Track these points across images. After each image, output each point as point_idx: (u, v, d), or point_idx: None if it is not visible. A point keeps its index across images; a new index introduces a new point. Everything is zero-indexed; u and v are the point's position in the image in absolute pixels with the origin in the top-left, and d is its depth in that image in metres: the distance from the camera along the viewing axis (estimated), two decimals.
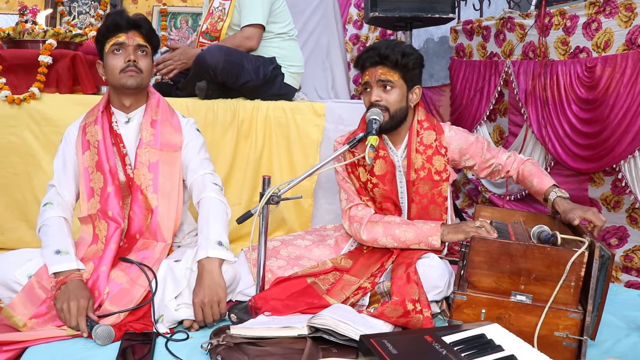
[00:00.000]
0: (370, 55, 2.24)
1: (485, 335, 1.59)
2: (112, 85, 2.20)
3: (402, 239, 2.20)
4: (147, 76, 2.20)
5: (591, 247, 1.76)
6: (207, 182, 2.21)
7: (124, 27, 2.15)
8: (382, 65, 2.22)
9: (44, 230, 2.10)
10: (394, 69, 2.22)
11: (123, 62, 2.13)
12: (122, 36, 2.14)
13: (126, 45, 2.14)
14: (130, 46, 2.15)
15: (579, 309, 1.77)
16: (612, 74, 2.58)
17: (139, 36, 2.17)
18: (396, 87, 2.23)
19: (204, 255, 2.00)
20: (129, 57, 2.13)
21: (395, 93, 2.23)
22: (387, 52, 2.21)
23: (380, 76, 2.22)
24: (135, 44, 2.15)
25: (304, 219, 2.99)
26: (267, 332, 1.79)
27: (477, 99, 3.53)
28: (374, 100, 2.22)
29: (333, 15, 4.08)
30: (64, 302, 1.88)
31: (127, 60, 2.13)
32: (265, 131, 2.95)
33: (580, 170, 2.84)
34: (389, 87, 2.22)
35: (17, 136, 2.78)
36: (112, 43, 2.14)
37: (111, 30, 2.15)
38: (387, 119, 2.23)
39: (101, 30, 2.18)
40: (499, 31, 3.32)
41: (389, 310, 1.91)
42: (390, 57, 2.20)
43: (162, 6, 4.12)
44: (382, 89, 2.23)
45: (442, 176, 2.29)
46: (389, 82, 2.22)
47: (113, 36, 2.14)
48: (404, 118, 2.28)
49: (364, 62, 2.27)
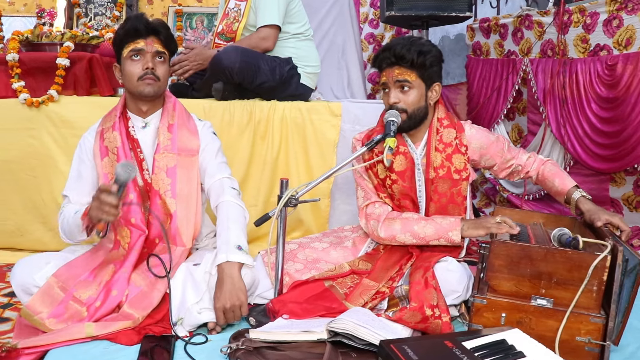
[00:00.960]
0: (387, 55, 2.22)
1: (506, 340, 1.58)
2: (128, 91, 2.20)
3: (421, 235, 2.18)
4: (164, 83, 2.19)
5: (614, 251, 1.73)
6: (225, 186, 2.21)
7: (143, 32, 2.12)
8: (399, 66, 2.21)
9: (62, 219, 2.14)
10: (410, 68, 2.20)
11: (141, 69, 2.12)
12: (141, 42, 2.12)
13: (145, 52, 2.13)
14: (149, 53, 2.13)
15: (601, 313, 1.75)
16: (634, 72, 2.54)
17: (158, 42, 2.16)
18: (414, 87, 2.21)
19: (224, 259, 2.00)
20: (147, 65, 2.12)
21: (413, 93, 2.21)
22: (402, 52, 2.18)
23: (398, 77, 2.20)
24: (153, 50, 2.14)
25: (321, 219, 2.99)
26: (287, 337, 1.79)
27: (495, 97, 3.50)
28: (392, 102, 2.21)
29: (348, 14, 4.06)
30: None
31: (145, 67, 2.12)
32: (282, 132, 2.95)
33: (601, 170, 2.80)
34: (406, 87, 2.21)
35: (35, 139, 2.80)
36: (130, 49, 2.13)
37: (130, 35, 2.13)
38: (405, 119, 2.21)
39: (119, 35, 2.16)
40: (517, 29, 3.28)
41: (408, 316, 1.90)
42: (406, 57, 2.18)
43: (177, 6, 4.13)
44: (400, 90, 2.21)
45: (462, 175, 2.27)
46: (406, 82, 2.20)
47: (132, 41, 2.13)
48: (424, 117, 2.27)
49: (381, 62, 2.25)
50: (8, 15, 4.05)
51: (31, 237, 2.84)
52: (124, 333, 1.89)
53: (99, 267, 2.07)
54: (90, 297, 1.98)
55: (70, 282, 1.99)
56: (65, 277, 2.00)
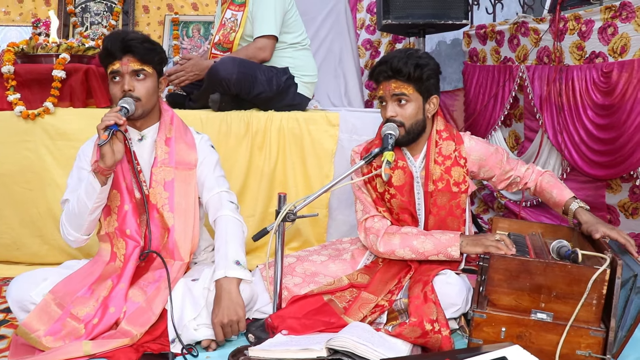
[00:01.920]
0: (383, 69, 2.21)
1: (506, 358, 1.57)
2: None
3: (421, 250, 2.18)
4: (148, 101, 2.14)
5: (613, 264, 1.73)
6: (224, 200, 2.20)
7: (117, 53, 2.08)
8: (396, 79, 2.20)
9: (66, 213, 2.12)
10: (407, 82, 2.19)
11: (120, 92, 2.10)
12: (117, 64, 2.09)
13: (121, 73, 2.09)
14: (126, 74, 2.09)
15: (601, 327, 1.74)
16: (629, 79, 2.54)
17: (134, 61, 2.10)
18: (411, 101, 2.20)
19: (222, 275, 1.99)
20: (124, 87, 2.08)
21: (410, 107, 2.20)
22: (399, 66, 2.17)
23: (394, 90, 2.19)
24: (129, 70, 2.09)
25: (320, 230, 2.98)
26: (286, 355, 1.78)
27: (492, 104, 3.50)
28: (390, 115, 2.20)
29: (345, 21, 4.06)
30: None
31: (123, 90, 2.09)
32: (279, 142, 2.94)
33: (597, 176, 2.81)
34: (403, 101, 2.20)
35: (31, 151, 2.78)
36: (109, 70, 2.11)
37: (105, 57, 2.11)
38: (403, 133, 2.21)
39: (99, 56, 2.15)
40: (513, 36, 3.28)
41: (407, 331, 1.89)
42: (403, 71, 2.17)
43: (174, 15, 4.12)
44: (397, 103, 2.21)
45: (461, 188, 2.27)
46: (403, 95, 2.19)
47: (109, 63, 2.10)
48: (422, 131, 2.26)
49: (378, 76, 2.24)
50: (3, 25, 4.04)
51: (28, 250, 2.83)
52: (122, 351, 1.88)
53: (96, 282, 2.06)
54: (88, 314, 1.96)
55: (67, 299, 1.98)
56: (62, 293, 1.98)
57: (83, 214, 2.07)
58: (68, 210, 2.11)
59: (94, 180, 2.02)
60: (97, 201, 2.06)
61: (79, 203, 2.06)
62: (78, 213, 2.07)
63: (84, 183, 2.05)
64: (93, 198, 2.04)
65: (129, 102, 2.05)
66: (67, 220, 2.11)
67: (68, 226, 2.11)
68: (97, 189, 2.02)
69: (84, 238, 2.15)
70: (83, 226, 2.10)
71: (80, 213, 2.07)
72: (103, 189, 2.04)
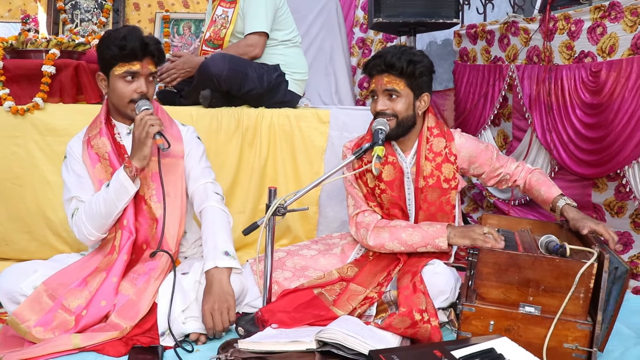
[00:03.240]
0: (377, 63, 2.23)
1: (494, 349, 1.59)
2: (114, 106, 2.17)
3: (409, 242, 2.19)
4: (151, 101, 2.17)
5: (600, 258, 1.75)
6: (209, 191, 2.21)
7: (140, 55, 2.08)
8: (388, 74, 2.22)
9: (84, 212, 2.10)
10: (399, 77, 2.21)
11: (134, 93, 2.09)
12: (137, 65, 2.08)
13: (139, 75, 2.09)
14: (143, 76, 2.10)
15: (588, 320, 1.76)
16: (617, 78, 2.56)
17: (151, 63, 2.13)
18: (402, 96, 2.22)
19: (213, 265, 2.01)
20: (141, 89, 2.09)
21: (401, 102, 2.22)
22: (392, 61, 2.19)
23: (386, 85, 2.21)
24: (147, 72, 2.11)
25: (310, 226, 2.98)
26: (275, 347, 1.78)
27: (482, 103, 3.52)
28: (380, 109, 2.22)
29: (336, 20, 4.07)
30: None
31: (140, 91, 2.09)
32: (270, 139, 2.94)
33: (585, 175, 2.83)
34: (394, 95, 2.22)
35: (20, 147, 2.77)
36: (124, 70, 2.07)
37: (125, 56, 2.06)
38: (394, 126, 2.22)
39: (113, 52, 2.07)
40: (503, 35, 3.30)
41: (397, 322, 1.90)
42: (396, 66, 2.19)
43: (164, 13, 4.11)
44: (388, 98, 2.23)
45: (451, 184, 2.29)
46: (394, 91, 2.21)
47: (126, 62, 2.07)
48: (412, 126, 2.28)
49: (371, 69, 2.26)
50: None
51: (16, 246, 2.81)
52: (111, 344, 1.87)
53: (91, 274, 2.05)
54: (79, 306, 1.96)
55: (60, 291, 1.97)
56: (56, 284, 1.98)
57: (111, 214, 2.07)
58: (90, 211, 2.08)
59: (129, 182, 2.03)
60: (127, 201, 2.08)
61: (107, 204, 2.05)
62: (105, 214, 2.06)
63: (113, 185, 2.04)
64: (125, 199, 2.06)
65: (149, 104, 2.09)
66: (89, 222, 2.09)
67: (90, 227, 2.10)
68: (131, 191, 2.05)
69: (103, 237, 2.15)
70: (106, 226, 2.11)
71: (108, 214, 2.07)
72: (135, 189, 2.08)
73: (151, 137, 2.01)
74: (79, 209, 2.11)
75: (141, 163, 2.03)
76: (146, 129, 2.00)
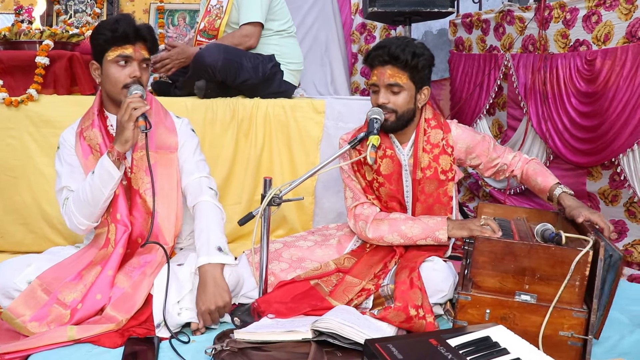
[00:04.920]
0: (380, 54, 2.20)
1: (490, 337, 1.59)
2: (108, 94, 2.14)
3: (409, 235, 2.19)
4: (145, 89, 2.14)
5: (595, 246, 1.75)
6: (203, 185, 2.19)
7: (132, 38, 2.06)
8: (392, 65, 2.19)
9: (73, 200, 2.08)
10: (403, 69, 2.19)
11: (128, 77, 2.07)
12: (130, 48, 2.06)
13: (132, 59, 2.07)
14: (136, 60, 2.08)
15: (583, 308, 1.76)
16: (612, 67, 2.57)
17: (145, 49, 2.11)
18: (405, 90, 2.21)
19: (206, 261, 1.99)
20: (135, 74, 2.07)
21: (403, 95, 2.21)
22: (397, 52, 2.16)
23: (389, 79, 2.19)
24: (141, 58, 2.09)
25: (306, 217, 2.98)
26: (271, 336, 1.78)
27: (477, 93, 3.51)
28: (382, 102, 2.20)
29: (331, 9, 4.05)
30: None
31: (133, 76, 2.07)
32: (265, 129, 2.93)
33: (580, 164, 2.84)
34: (397, 89, 2.20)
35: (15, 139, 2.75)
36: (118, 54, 2.06)
37: (118, 39, 2.05)
38: (394, 120, 2.21)
39: (105, 36, 2.06)
40: (499, 24, 3.29)
41: (392, 316, 1.90)
42: (401, 58, 2.17)
43: (159, 3, 4.08)
44: (391, 91, 2.21)
45: (448, 176, 2.29)
46: (397, 85, 2.19)
47: (119, 46, 2.05)
48: (411, 118, 2.27)
49: (373, 60, 2.23)
50: None
51: (12, 239, 2.80)
52: (107, 336, 1.87)
53: (86, 268, 2.05)
54: (75, 300, 1.95)
55: (55, 285, 1.97)
56: (50, 279, 1.97)
57: (99, 201, 2.05)
58: (78, 199, 2.07)
59: (113, 167, 2.01)
60: (114, 187, 2.06)
61: (93, 191, 2.03)
62: (92, 202, 2.05)
63: (98, 171, 2.03)
64: (110, 185, 2.03)
65: (142, 90, 2.07)
66: (77, 210, 2.07)
67: (79, 216, 2.08)
68: (115, 176, 2.03)
69: (94, 225, 2.14)
70: (95, 214, 2.09)
71: (95, 201, 2.05)
72: (120, 174, 2.05)
73: (133, 120, 1.97)
74: (69, 199, 2.10)
75: (123, 147, 2.00)
76: (129, 111, 1.97)
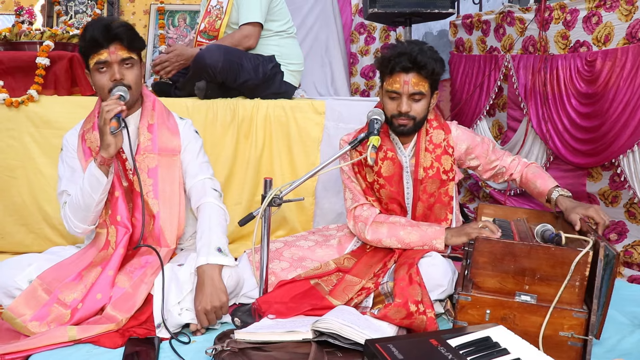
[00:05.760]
0: (402, 60, 2.15)
1: (490, 338, 1.59)
2: (102, 100, 2.12)
3: (406, 241, 2.20)
4: (136, 88, 2.11)
5: (595, 247, 1.75)
6: (207, 187, 2.20)
7: (104, 42, 2.02)
8: (415, 73, 2.17)
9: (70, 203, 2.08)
10: (426, 78, 2.18)
11: (109, 81, 2.05)
12: (104, 53, 2.03)
13: (110, 63, 2.04)
14: (114, 63, 2.04)
15: (583, 308, 1.77)
16: (612, 67, 2.57)
17: (122, 49, 2.05)
18: (425, 97, 2.22)
19: (204, 261, 2.00)
20: (114, 76, 2.04)
21: (423, 103, 2.22)
22: (423, 61, 2.14)
23: (414, 87, 2.17)
24: (118, 59, 2.05)
25: (306, 217, 2.98)
26: (272, 337, 1.78)
27: (477, 94, 3.51)
28: (405, 110, 2.19)
29: (332, 10, 4.05)
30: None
31: (113, 79, 2.04)
32: (266, 130, 2.94)
33: (580, 164, 2.84)
34: (419, 98, 2.20)
35: (15, 139, 2.76)
36: (95, 61, 2.04)
37: (92, 46, 2.03)
38: (412, 126, 2.23)
39: (81, 46, 2.06)
40: (499, 25, 3.30)
41: (392, 312, 1.91)
42: (427, 67, 2.15)
43: (159, 4, 4.08)
44: (412, 99, 2.20)
45: (449, 175, 2.30)
46: (420, 93, 2.19)
47: (94, 53, 2.03)
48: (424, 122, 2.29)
49: (394, 66, 2.18)
50: None
51: (12, 239, 2.80)
52: (107, 336, 1.88)
53: (86, 268, 2.05)
54: (75, 300, 1.96)
55: (55, 285, 1.97)
56: (51, 279, 1.98)
57: (90, 206, 2.05)
58: (72, 203, 2.08)
59: (99, 173, 2.00)
60: (103, 192, 2.05)
61: (84, 196, 2.03)
62: (84, 206, 2.05)
63: (87, 177, 2.02)
64: (99, 191, 2.03)
65: (123, 90, 2.04)
66: (72, 214, 2.08)
67: (74, 219, 2.09)
68: (102, 182, 2.02)
69: (91, 228, 2.14)
70: (89, 218, 2.09)
71: (87, 206, 2.05)
72: (108, 180, 2.04)
73: (108, 124, 1.95)
74: (67, 202, 2.11)
75: (107, 152, 1.98)
76: (103, 115, 1.95)
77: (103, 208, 2.12)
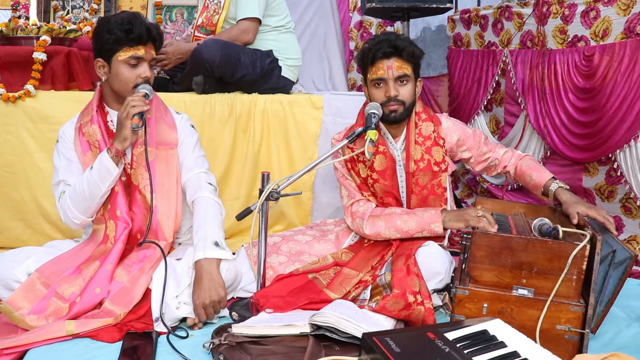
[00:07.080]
0: (382, 46, 2.19)
1: (487, 331, 1.59)
2: (116, 92, 2.14)
3: (405, 229, 2.20)
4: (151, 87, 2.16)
5: (593, 240, 1.76)
6: (202, 181, 2.20)
7: (145, 40, 2.08)
8: (397, 57, 2.20)
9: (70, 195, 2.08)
10: (407, 61, 2.22)
11: (139, 78, 2.09)
12: (142, 49, 2.08)
13: (143, 60, 2.10)
14: (147, 61, 2.11)
15: (580, 302, 1.77)
16: (610, 62, 2.57)
17: (154, 49, 2.14)
18: (410, 81, 2.24)
19: (202, 256, 2.00)
20: (146, 74, 2.10)
21: (409, 86, 2.24)
22: (402, 44, 2.19)
23: (398, 70, 2.20)
24: (151, 58, 2.13)
25: (304, 212, 2.99)
26: (269, 331, 1.78)
27: (475, 88, 3.52)
28: (393, 94, 2.21)
29: (330, 6, 4.05)
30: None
31: (144, 76, 2.09)
32: (263, 125, 2.93)
33: (577, 159, 2.84)
34: (405, 81, 2.22)
35: (13, 135, 2.75)
36: (130, 55, 2.07)
37: (132, 40, 2.06)
38: (402, 111, 2.24)
39: (117, 36, 2.05)
40: (497, 20, 3.29)
41: (390, 304, 1.91)
42: (407, 49, 2.19)
43: None
44: (399, 83, 2.22)
45: (441, 167, 2.30)
46: (405, 76, 2.22)
47: (132, 47, 2.07)
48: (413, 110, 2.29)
49: (375, 54, 2.21)
50: None
51: (10, 234, 2.80)
52: (105, 330, 1.87)
53: (85, 262, 2.05)
54: (73, 294, 1.96)
55: (54, 278, 1.97)
56: (49, 272, 1.97)
57: (95, 197, 2.06)
58: (75, 194, 2.07)
59: (111, 164, 2.02)
60: (112, 184, 2.07)
61: (90, 187, 2.04)
62: (89, 197, 2.05)
63: (96, 167, 2.03)
64: (108, 181, 2.05)
65: (149, 89, 2.09)
66: (73, 205, 2.08)
67: (74, 210, 2.08)
68: (114, 173, 2.04)
69: (89, 221, 2.14)
70: (91, 209, 2.09)
71: (92, 196, 2.05)
72: (119, 171, 2.06)
73: (130, 118, 1.99)
74: (65, 192, 2.11)
75: (122, 145, 2.01)
76: (127, 109, 1.99)
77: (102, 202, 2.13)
